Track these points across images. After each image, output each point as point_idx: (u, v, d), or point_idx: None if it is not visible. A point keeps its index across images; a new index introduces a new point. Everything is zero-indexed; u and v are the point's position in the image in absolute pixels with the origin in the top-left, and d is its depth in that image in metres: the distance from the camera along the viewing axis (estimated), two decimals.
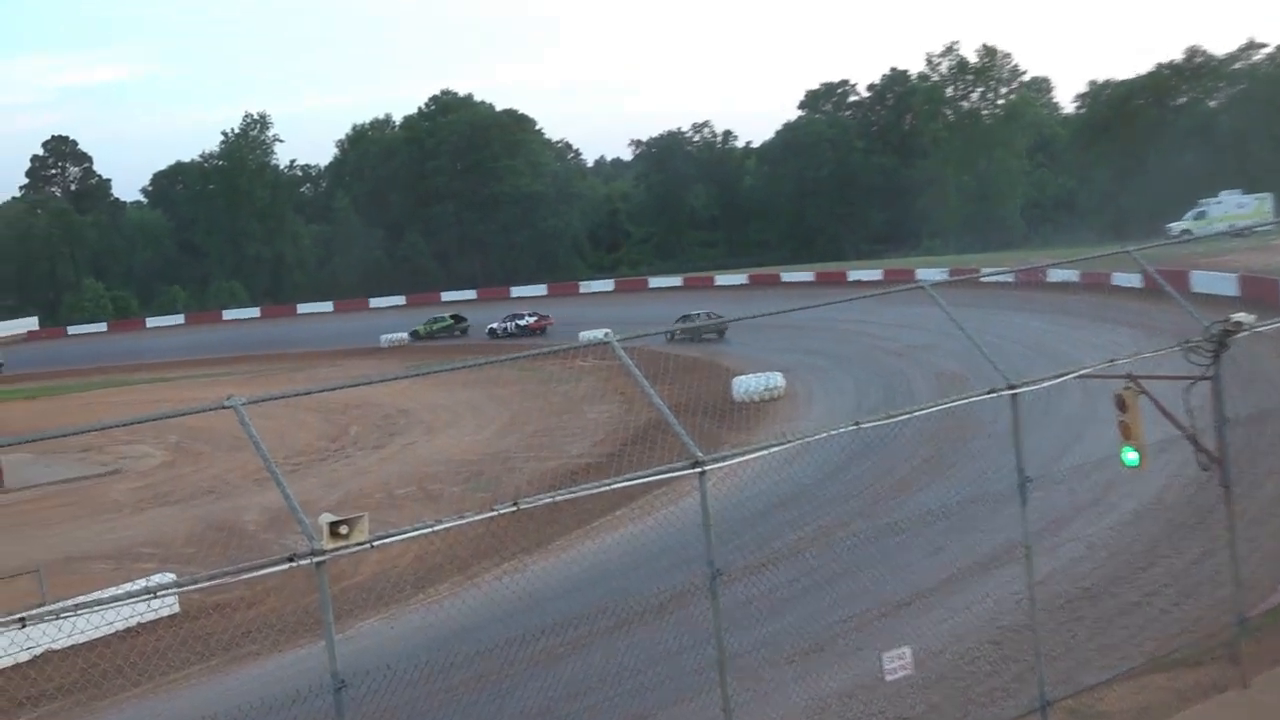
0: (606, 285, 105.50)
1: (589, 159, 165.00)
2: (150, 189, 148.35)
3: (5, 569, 27.27)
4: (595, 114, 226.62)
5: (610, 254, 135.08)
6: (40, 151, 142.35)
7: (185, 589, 7.47)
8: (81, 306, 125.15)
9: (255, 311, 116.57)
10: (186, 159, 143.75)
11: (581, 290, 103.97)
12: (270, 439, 8.95)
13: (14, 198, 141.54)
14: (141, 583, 21.49)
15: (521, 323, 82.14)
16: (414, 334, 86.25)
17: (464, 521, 8.91)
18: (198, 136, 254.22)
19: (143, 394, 69.91)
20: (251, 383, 68.29)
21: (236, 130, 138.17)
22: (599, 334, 58.29)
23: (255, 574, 8.12)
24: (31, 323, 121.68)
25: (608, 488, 9.77)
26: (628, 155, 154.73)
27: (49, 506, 41.15)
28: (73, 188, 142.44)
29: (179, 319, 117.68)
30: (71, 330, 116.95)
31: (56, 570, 28.25)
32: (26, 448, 49.29)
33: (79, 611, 7.76)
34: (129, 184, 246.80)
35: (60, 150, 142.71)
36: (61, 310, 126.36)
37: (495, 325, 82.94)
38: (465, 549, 25.71)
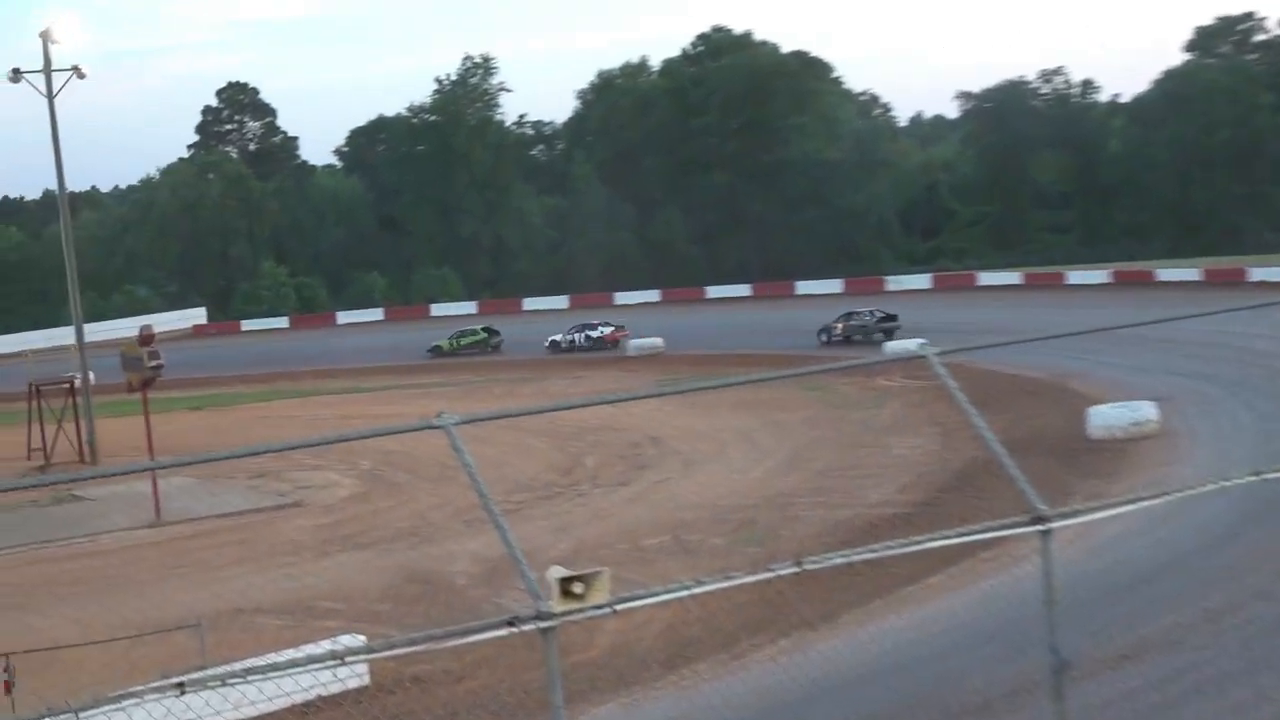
0: (921, 281, 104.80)
1: (902, 116, 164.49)
2: (345, 149, 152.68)
3: (159, 620, 28.54)
4: (911, 57, 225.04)
5: (927, 241, 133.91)
6: (213, 102, 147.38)
7: (378, 655, 7.68)
8: (258, 296, 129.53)
9: (471, 306, 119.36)
10: (390, 113, 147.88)
11: (888, 287, 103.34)
12: (487, 469, 9.13)
13: (180, 159, 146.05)
14: (325, 645, 22.16)
15: (595, 334, 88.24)
16: (435, 349, 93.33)
17: (730, 584, 8.91)
18: (405, 85, 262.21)
19: (330, 407, 72.23)
20: (465, 397, 69.83)
21: (453, 77, 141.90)
22: (912, 344, 57.88)
23: (465, 640, 8.25)
24: (198, 315, 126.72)
25: (918, 547, 9.66)
26: (953, 112, 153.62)
27: (213, 545, 42.80)
28: (251, 147, 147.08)
29: (377, 314, 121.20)
30: (246, 325, 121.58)
31: (221, 624, 29.40)
32: (188, 471, 51.43)
33: (248, 678, 8.02)
34: (319, 143, 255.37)
35: (237, 100, 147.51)
36: (235, 300, 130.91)
37: (558, 337, 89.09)
38: (730, 619, 25.73)
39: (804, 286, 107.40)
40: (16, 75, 65.71)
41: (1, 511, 49.52)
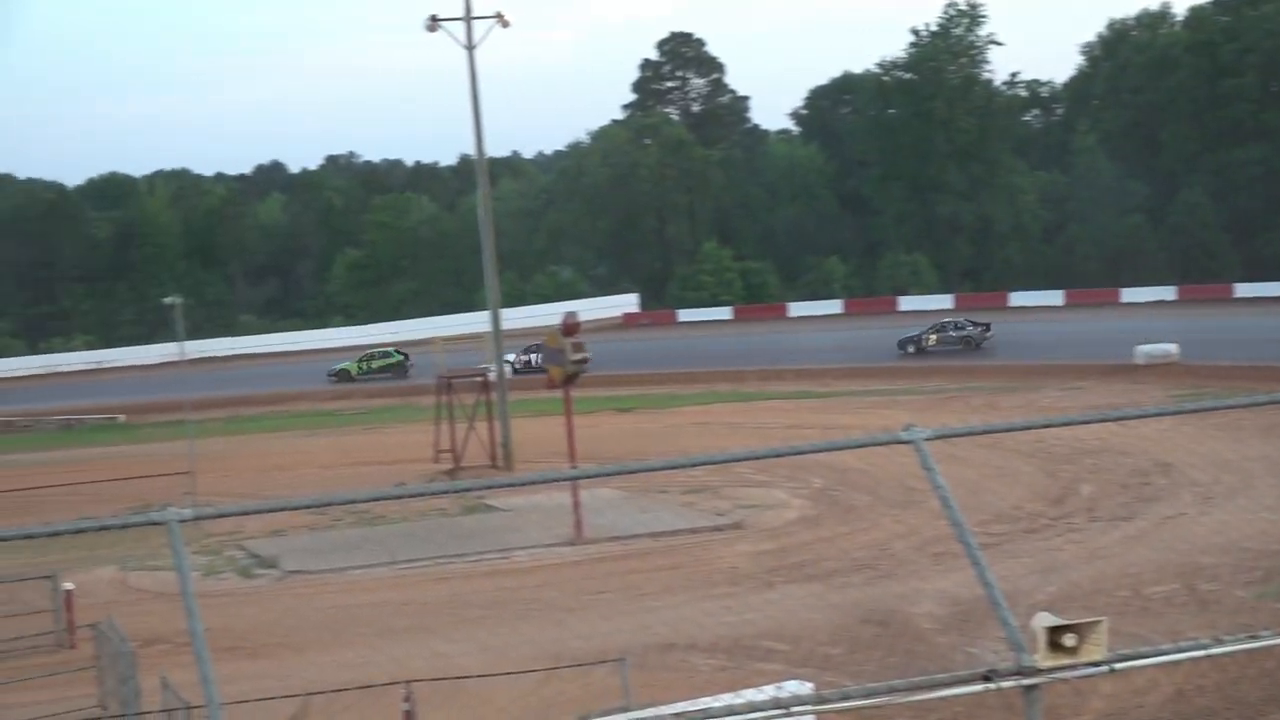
0: None
1: None
2: (803, 112, 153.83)
3: (577, 653, 29.26)
4: None
5: None
6: (653, 55, 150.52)
7: (830, 706, 7.75)
8: (698, 282, 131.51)
9: (947, 300, 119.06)
10: (858, 69, 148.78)
11: None
12: (962, 493, 9.16)
13: (614, 121, 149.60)
14: (767, 691, 22.41)
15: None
16: (339, 374, 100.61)
17: (1256, 645, 8.71)
18: (876, 37, 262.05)
19: (778, 414, 72.92)
20: (937, 408, 69.78)
21: (933, 27, 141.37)
22: None
23: (931, 695, 8.26)
24: (629, 302, 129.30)
25: None
26: None
27: (641, 568, 43.66)
28: (695, 108, 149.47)
29: (835, 305, 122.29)
30: (683, 315, 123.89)
31: (648, 661, 30.01)
32: (615, 482, 52.58)
33: None
34: (774, 105, 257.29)
35: (680, 54, 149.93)
36: (671, 286, 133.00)
37: (510, 357, 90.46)
38: (1255, 688, 25.13)
39: None
40: (434, 23, 67.44)
41: (406, 520, 51.71)
